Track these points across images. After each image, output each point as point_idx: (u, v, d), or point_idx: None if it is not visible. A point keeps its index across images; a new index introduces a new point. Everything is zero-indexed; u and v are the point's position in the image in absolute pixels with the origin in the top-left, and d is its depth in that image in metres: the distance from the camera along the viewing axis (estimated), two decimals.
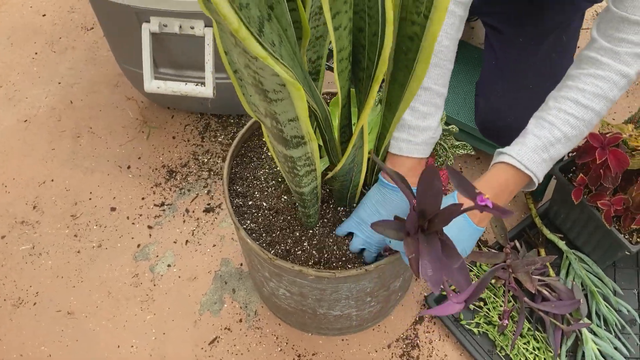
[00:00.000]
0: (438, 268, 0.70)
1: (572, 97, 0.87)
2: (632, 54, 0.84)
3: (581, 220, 1.15)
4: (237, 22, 0.44)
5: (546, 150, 0.86)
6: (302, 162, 0.74)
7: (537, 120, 0.89)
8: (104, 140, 1.40)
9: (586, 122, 0.87)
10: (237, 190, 1.00)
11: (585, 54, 0.89)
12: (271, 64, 0.50)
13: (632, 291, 1.20)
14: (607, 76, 0.85)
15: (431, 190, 0.72)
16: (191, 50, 1.16)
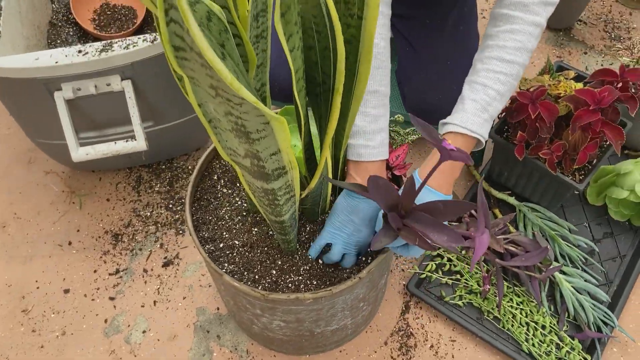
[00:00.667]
0: (440, 231, 0.74)
1: (496, 56, 0.92)
2: (539, 3, 0.90)
3: (525, 174, 1.22)
4: (230, 76, 0.43)
5: (485, 110, 0.91)
6: (282, 191, 0.73)
7: (470, 85, 0.94)
8: (34, 223, 1.31)
9: (514, 76, 0.93)
10: (205, 236, 0.97)
11: (498, 11, 0.94)
12: (261, 106, 0.49)
13: (583, 225, 1.28)
14: (522, 29, 0.91)
15: (382, 188, 0.77)
16: (111, 107, 1.10)
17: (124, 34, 1.45)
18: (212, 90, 0.50)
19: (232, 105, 0.51)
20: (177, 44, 0.46)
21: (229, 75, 0.43)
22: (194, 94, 0.53)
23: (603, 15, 1.61)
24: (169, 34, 0.45)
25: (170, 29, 0.44)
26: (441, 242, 0.76)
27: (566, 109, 1.11)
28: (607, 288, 1.20)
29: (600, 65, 1.50)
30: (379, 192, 0.79)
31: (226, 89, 0.47)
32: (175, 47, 0.46)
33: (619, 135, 1.07)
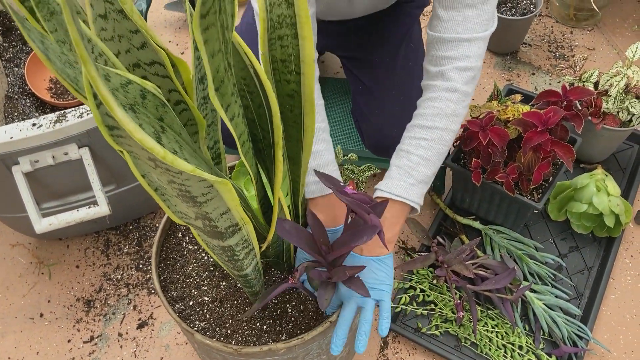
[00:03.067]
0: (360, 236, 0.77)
1: (417, 124, 0.99)
2: (453, 69, 0.96)
3: (486, 198, 1.24)
4: (162, 151, 0.44)
5: (409, 175, 0.96)
6: (239, 247, 0.74)
7: (396, 153, 1.00)
8: (3, 298, 1.29)
9: (437, 140, 0.98)
10: (174, 295, 0.97)
11: (424, 83, 1.01)
12: (199, 173, 0.50)
13: (548, 241, 1.31)
14: (438, 96, 0.97)
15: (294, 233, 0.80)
16: (71, 175, 1.11)
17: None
18: (151, 162, 0.51)
19: (172, 174, 0.52)
20: (110, 124, 0.47)
21: (161, 151, 0.44)
22: (135, 166, 0.54)
23: (546, 36, 1.67)
24: (101, 116, 0.46)
25: (102, 111, 0.46)
26: (364, 242, 0.76)
27: (516, 132, 1.14)
28: (578, 301, 1.22)
29: (548, 85, 1.55)
30: (291, 236, 0.80)
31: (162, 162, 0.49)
32: (109, 127, 0.48)
33: (569, 152, 1.10)
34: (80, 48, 0.36)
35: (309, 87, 0.71)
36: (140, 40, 0.62)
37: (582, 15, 1.66)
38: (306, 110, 0.74)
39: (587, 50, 1.62)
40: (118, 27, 0.61)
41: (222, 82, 0.56)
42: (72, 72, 0.48)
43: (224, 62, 0.55)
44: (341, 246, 0.79)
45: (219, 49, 0.53)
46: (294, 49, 0.68)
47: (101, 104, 0.45)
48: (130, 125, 0.41)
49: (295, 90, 0.73)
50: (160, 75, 0.65)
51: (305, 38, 0.66)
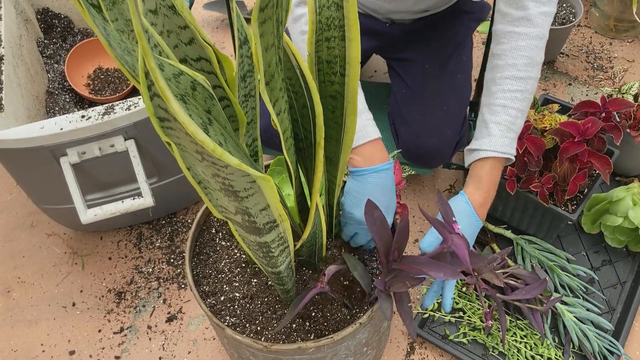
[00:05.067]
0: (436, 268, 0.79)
1: (510, 75, 0.96)
2: (540, 14, 0.94)
3: (519, 207, 1.23)
4: (212, 144, 0.45)
5: (510, 130, 0.97)
6: (275, 243, 0.75)
7: (489, 108, 0.99)
8: (38, 286, 1.32)
9: (530, 90, 0.98)
10: (205, 290, 0.98)
11: (501, 28, 0.98)
12: (245, 167, 0.51)
13: (580, 254, 1.29)
14: (529, 45, 0.96)
15: (378, 222, 0.83)
16: (115, 167, 1.14)
17: (118, 96, 1.50)
18: (198, 155, 0.52)
19: (218, 167, 0.53)
20: (161, 116, 0.48)
21: (211, 144, 0.45)
22: (182, 158, 0.55)
23: (584, 46, 1.65)
24: (153, 108, 0.47)
25: (155, 103, 0.47)
26: (439, 277, 0.78)
27: (553, 142, 1.13)
28: (610, 316, 1.20)
29: (585, 96, 1.53)
30: (375, 226, 0.83)
31: (211, 155, 0.50)
32: (161, 119, 0.49)
33: (606, 164, 1.09)
34: (142, 39, 0.38)
35: (352, 88, 0.72)
36: (189, 36, 0.63)
37: (623, 27, 1.64)
38: (348, 111, 0.75)
39: (627, 62, 1.59)
40: (168, 23, 0.63)
41: (273, 77, 0.57)
42: (130, 60, 0.50)
43: (275, 56, 0.56)
44: (410, 263, 0.79)
45: (272, 43, 0.54)
46: (341, 51, 0.69)
47: (155, 95, 0.46)
48: (184, 118, 0.42)
49: (339, 91, 0.74)
50: (206, 71, 0.67)
51: (352, 40, 0.67)
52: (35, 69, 1.41)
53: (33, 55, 1.43)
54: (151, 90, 0.46)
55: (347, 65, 0.70)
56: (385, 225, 0.85)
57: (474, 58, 1.66)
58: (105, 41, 0.49)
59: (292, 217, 0.84)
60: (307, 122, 0.73)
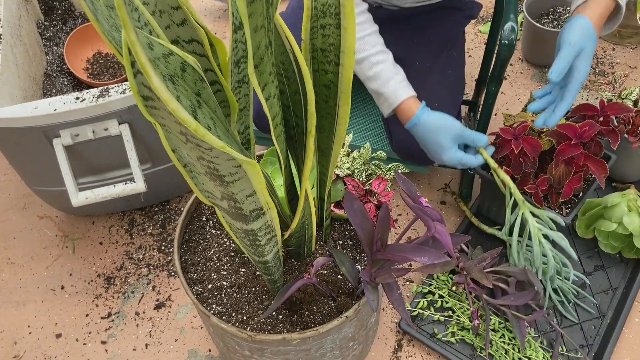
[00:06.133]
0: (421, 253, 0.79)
1: None
2: None
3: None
4: (194, 123, 0.45)
5: None
6: (262, 232, 0.74)
7: None
8: (28, 268, 1.32)
9: None
10: (193, 277, 0.98)
11: None
12: (229, 150, 0.51)
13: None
14: None
15: (358, 213, 0.84)
16: (108, 151, 1.13)
17: (116, 81, 1.49)
18: (182, 136, 0.52)
19: (202, 150, 0.53)
20: (145, 94, 0.48)
21: (193, 123, 0.44)
22: (167, 139, 0.55)
23: None
24: (137, 86, 0.47)
25: (138, 80, 0.46)
26: (423, 262, 0.78)
27: (549, 144, 1.12)
28: (600, 322, 1.19)
29: (585, 100, 1.52)
30: (355, 217, 0.83)
31: (195, 136, 0.49)
32: (144, 97, 0.48)
33: (602, 168, 1.08)
34: (122, 11, 0.37)
35: (346, 78, 0.71)
36: (181, 17, 0.62)
37: (627, 33, 1.63)
38: (341, 101, 0.74)
39: (629, 68, 1.58)
40: (160, 3, 0.62)
41: (262, 60, 0.56)
42: (118, 36, 0.49)
43: (265, 39, 0.55)
44: (395, 251, 0.79)
45: (261, 24, 0.53)
46: (336, 39, 0.68)
47: (138, 72, 0.45)
48: (165, 95, 0.41)
49: (332, 80, 0.73)
50: (198, 54, 0.66)
51: (347, 29, 0.66)
52: (34, 50, 1.40)
53: (32, 37, 1.42)
54: (134, 67, 0.45)
55: (342, 54, 0.70)
56: (365, 216, 0.85)
57: (475, 58, 1.65)
58: (93, 16, 0.48)
59: (281, 206, 0.83)
60: (298, 108, 0.72)
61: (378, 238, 0.84)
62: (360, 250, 1.00)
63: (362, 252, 0.99)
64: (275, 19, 0.63)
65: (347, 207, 0.82)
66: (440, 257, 0.79)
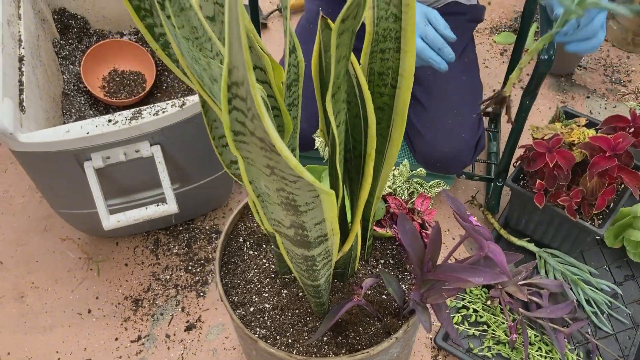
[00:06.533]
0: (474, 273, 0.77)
1: None
2: None
3: (545, 220, 1.23)
4: (295, 161, 0.44)
5: None
6: (321, 257, 0.73)
7: None
8: (52, 292, 1.29)
9: None
10: (235, 300, 0.96)
11: None
12: (317, 184, 0.50)
13: (603, 268, 1.29)
14: None
15: (409, 233, 0.83)
16: (139, 172, 1.12)
17: (134, 99, 1.47)
18: (267, 169, 0.51)
19: (286, 182, 0.52)
20: (237, 129, 0.47)
21: (294, 160, 0.44)
22: (246, 172, 0.54)
23: (602, 59, 1.65)
24: (230, 121, 0.46)
25: (232, 116, 0.45)
26: (478, 282, 0.77)
27: (581, 156, 1.13)
28: (634, 332, 1.19)
29: (604, 109, 1.53)
30: (407, 237, 0.82)
31: (284, 170, 0.48)
32: (235, 132, 0.47)
33: (636, 179, 1.08)
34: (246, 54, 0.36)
35: (403, 101, 0.71)
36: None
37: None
38: (396, 123, 0.74)
39: None
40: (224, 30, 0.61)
41: (339, 89, 0.55)
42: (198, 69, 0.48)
43: (344, 68, 0.54)
44: (447, 272, 0.78)
45: (344, 54, 0.52)
46: (394, 62, 0.68)
47: (234, 109, 0.45)
48: (274, 134, 0.41)
49: (387, 103, 0.72)
50: (260, 81, 0.65)
51: (407, 52, 0.66)
52: (52, 70, 1.38)
53: (50, 56, 1.40)
54: (231, 103, 0.44)
55: (400, 77, 0.69)
56: (417, 236, 0.84)
57: (492, 68, 1.66)
58: (178, 49, 0.47)
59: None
60: (357, 132, 0.71)
61: (429, 258, 0.84)
62: (402, 269, 0.99)
63: (405, 271, 0.99)
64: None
65: (400, 228, 0.81)
66: (497, 277, 0.78)
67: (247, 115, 0.44)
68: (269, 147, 0.46)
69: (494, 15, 1.76)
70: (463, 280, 0.79)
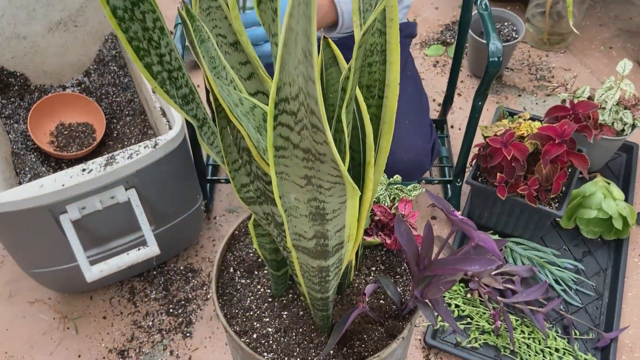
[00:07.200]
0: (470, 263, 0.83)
1: None
2: None
3: (506, 211, 1.31)
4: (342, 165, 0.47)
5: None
6: (334, 267, 0.76)
7: None
8: (30, 358, 1.24)
9: None
10: (237, 330, 0.97)
11: None
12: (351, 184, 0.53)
13: (563, 249, 1.38)
14: None
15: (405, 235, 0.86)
16: (115, 219, 1.10)
17: (86, 151, 1.45)
18: (303, 180, 0.54)
19: (320, 191, 0.55)
20: (279, 144, 0.50)
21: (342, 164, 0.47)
22: (278, 187, 0.56)
23: (525, 60, 1.79)
24: (274, 137, 0.49)
25: (277, 132, 0.48)
26: (474, 270, 0.82)
27: (532, 147, 1.22)
28: (600, 302, 1.29)
29: (535, 104, 1.66)
30: (403, 238, 0.87)
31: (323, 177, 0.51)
32: (277, 147, 0.50)
33: (584, 161, 1.18)
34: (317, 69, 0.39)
35: (390, 109, 0.75)
36: (249, 71, 0.65)
37: (554, 39, 1.79)
38: (383, 131, 0.78)
39: (564, 70, 1.74)
40: (229, 59, 0.64)
41: (351, 100, 0.59)
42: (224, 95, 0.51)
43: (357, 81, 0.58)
44: (443, 266, 0.82)
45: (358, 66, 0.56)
46: (381, 75, 0.72)
47: (279, 125, 0.48)
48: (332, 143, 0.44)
49: (375, 114, 0.77)
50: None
51: (392, 63, 0.71)
52: None
53: None
54: (277, 120, 0.47)
55: (387, 87, 0.74)
56: (411, 237, 0.89)
57: (428, 80, 1.75)
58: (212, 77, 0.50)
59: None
60: (355, 143, 0.75)
61: (424, 256, 0.88)
62: (393, 273, 1.03)
63: (396, 274, 1.03)
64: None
65: (397, 229, 0.85)
66: (491, 262, 0.84)
67: (293, 128, 0.48)
68: (314, 156, 0.49)
69: (421, 31, 1.87)
70: (460, 271, 0.84)
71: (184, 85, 0.63)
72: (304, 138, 0.47)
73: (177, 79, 0.61)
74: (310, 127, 0.45)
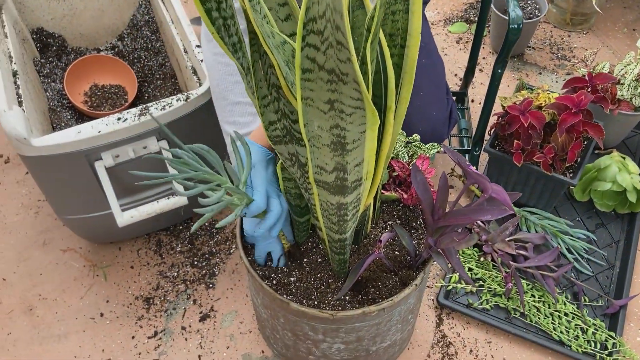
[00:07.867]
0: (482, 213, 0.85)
1: None
2: None
3: (521, 180, 1.34)
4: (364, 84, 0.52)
5: None
6: (352, 205, 0.81)
7: None
8: (61, 301, 1.31)
9: None
10: (259, 274, 1.02)
11: None
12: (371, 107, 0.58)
13: (576, 220, 1.41)
14: None
15: (421, 184, 0.90)
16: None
17: (117, 110, 1.52)
18: (327, 105, 0.58)
19: (342, 116, 0.60)
20: (306, 67, 0.55)
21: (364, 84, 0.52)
22: (303, 114, 0.61)
23: (546, 39, 1.81)
24: (301, 58, 0.53)
25: (304, 54, 0.53)
26: (487, 219, 0.86)
27: (550, 116, 1.25)
28: (611, 272, 1.32)
29: (555, 82, 1.68)
30: (419, 187, 0.91)
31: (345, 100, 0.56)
32: (303, 70, 0.55)
33: (599, 131, 1.21)
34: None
35: (411, 58, 0.79)
36: (286, 12, 0.69)
37: (577, 20, 1.81)
38: (404, 81, 0.82)
39: (585, 51, 1.76)
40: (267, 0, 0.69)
41: (376, 36, 0.63)
42: None
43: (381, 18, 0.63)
44: (457, 215, 0.86)
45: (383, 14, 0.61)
46: (403, 23, 0.77)
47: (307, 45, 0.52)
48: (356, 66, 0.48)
49: (397, 63, 0.81)
50: None
51: (414, 12, 0.75)
52: (37, 87, 1.41)
53: (33, 74, 1.43)
54: (305, 40, 0.52)
55: (409, 36, 0.78)
56: (427, 187, 0.93)
57: (450, 56, 1.78)
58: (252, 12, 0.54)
59: None
60: (377, 88, 0.80)
61: (439, 206, 0.93)
62: (408, 227, 1.08)
63: (412, 229, 1.07)
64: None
65: (413, 179, 0.90)
66: (502, 212, 0.88)
67: (319, 48, 0.52)
68: (337, 76, 0.54)
69: (445, 9, 1.90)
70: (473, 220, 0.88)
71: (234, 34, 0.68)
72: (329, 57, 0.52)
73: (229, 27, 0.66)
74: (336, 44, 0.50)
